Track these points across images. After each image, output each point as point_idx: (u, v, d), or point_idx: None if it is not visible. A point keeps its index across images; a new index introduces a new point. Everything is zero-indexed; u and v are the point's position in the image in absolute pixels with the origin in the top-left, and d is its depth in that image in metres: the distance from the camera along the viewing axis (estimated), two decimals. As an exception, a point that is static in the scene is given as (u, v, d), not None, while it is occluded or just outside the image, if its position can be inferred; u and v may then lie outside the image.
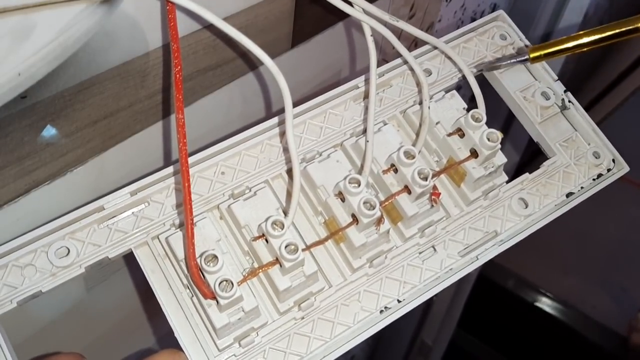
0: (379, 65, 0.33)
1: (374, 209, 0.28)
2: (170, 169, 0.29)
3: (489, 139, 0.31)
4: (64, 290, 0.27)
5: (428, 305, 0.87)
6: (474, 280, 0.85)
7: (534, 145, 0.36)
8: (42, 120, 0.26)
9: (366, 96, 0.33)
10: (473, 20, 0.58)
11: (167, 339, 0.45)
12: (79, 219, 0.28)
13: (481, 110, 0.32)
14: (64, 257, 0.27)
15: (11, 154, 0.26)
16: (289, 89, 0.29)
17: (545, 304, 1.04)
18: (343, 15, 0.32)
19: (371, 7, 0.32)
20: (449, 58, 0.35)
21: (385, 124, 0.32)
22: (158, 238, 0.29)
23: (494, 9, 0.61)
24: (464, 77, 0.34)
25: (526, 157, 0.78)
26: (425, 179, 0.29)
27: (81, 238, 0.28)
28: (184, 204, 0.27)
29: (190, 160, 0.29)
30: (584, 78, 0.94)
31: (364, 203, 0.28)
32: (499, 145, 0.31)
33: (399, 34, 0.34)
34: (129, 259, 0.28)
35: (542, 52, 0.29)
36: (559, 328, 1.03)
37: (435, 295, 0.30)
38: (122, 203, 0.28)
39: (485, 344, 1.03)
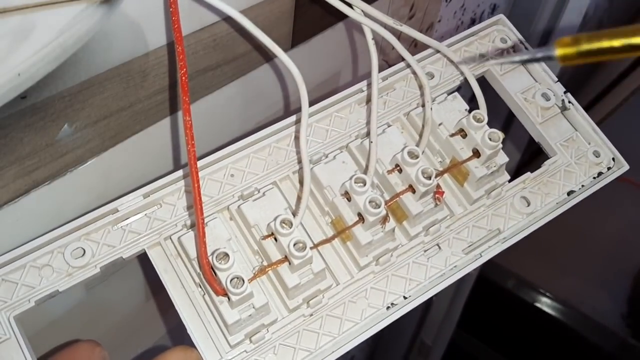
0: (381, 67, 0.33)
1: (379, 207, 0.29)
2: (181, 172, 0.30)
3: (490, 139, 0.31)
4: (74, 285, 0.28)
5: (428, 305, 0.87)
6: (473, 280, 0.85)
7: (534, 145, 0.36)
8: (41, 120, 0.26)
9: (370, 99, 0.33)
10: (473, 20, 0.58)
11: (176, 334, 0.45)
12: (93, 221, 0.28)
13: (482, 111, 0.33)
14: (80, 257, 0.28)
15: (11, 154, 0.26)
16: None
17: (545, 304, 1.04)
18: (343, 16, 0.33)
19: (373, 10, 0.33)
20: (451, 61, 0.35)
21: (389, 126, 0.33)
22: (170, 238, 0.29)
23: (493, 9, 0.61)
24: (465, 79, 0.35)
25: (527, 156, 0.79)
26: (429, 177, 0.30)
27: (96, 239, 0.28)
28: (194, 203, 0.27)
29: (200, 163, 0.30)
30: (584, 78, 0.95)
31: (370, 202, 0.29)
32: (501, 145, 0.32)
33: (398, 35, 0.35)
34: (139, 256, 0.29)
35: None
36: (559, 328, 1.03)
37: (435, 295, 0.30)
38: (135, 205, 0.29)
39: (485, 344, 1.03)
